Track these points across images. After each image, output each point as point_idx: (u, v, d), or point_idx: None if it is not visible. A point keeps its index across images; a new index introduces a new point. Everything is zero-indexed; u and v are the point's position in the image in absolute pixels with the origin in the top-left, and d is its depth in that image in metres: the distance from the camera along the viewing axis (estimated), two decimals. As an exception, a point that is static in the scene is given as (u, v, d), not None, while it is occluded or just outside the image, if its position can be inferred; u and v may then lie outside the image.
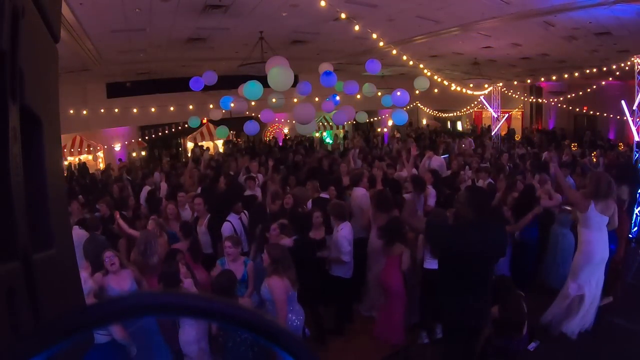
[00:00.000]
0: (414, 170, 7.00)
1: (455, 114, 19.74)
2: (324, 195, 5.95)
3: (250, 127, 9.82)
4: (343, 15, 6.53)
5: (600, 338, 4.44)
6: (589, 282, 4.45)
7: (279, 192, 6.24)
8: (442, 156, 8.98)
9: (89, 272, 3.66)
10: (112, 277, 3.57)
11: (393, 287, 4.62)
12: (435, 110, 19.99)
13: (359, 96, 9.98)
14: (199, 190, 6.74)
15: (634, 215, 7.33)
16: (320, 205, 5.61)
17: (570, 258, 5.35)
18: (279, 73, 7.16)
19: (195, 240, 4.83)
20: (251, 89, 7.81)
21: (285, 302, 3.52)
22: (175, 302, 0.38)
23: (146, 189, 7.44)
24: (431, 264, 4.18)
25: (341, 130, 19.47)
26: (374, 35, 7.40)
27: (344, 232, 4.77)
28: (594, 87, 13.24)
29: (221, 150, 15.87)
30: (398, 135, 17.81)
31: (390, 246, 4.58)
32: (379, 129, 20.42)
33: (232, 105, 9.62)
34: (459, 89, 11.68)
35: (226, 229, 5.00)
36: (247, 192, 6.54)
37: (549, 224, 5.67)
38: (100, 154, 14.89)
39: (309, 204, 5.92)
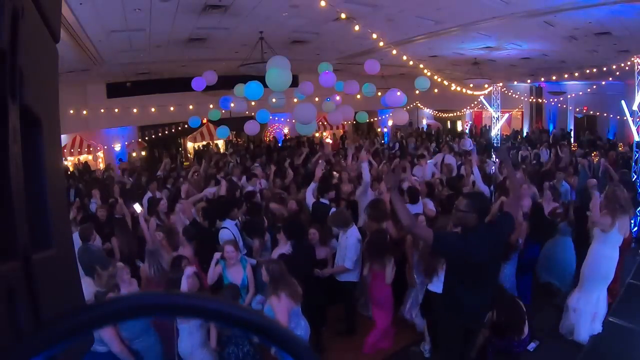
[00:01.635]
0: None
1: (455, 114, 19.75)
2: (323, 200, 5.92)
3: (250, 127, 9.83)
4: (343, 15, 6.53)
5: (600, 338, 4.43)
6: (593, 295, 4.49)
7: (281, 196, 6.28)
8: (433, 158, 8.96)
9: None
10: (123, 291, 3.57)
11: (380, 297, 4.56)
12: (435, 110, 19.98)
13: (359, 96, 9.97)
14: (203, 193, 6.67)
15: (635, 216, 7.33)
16: (319, 213, 5.59)
17: (571, 266, 5.39)
18: (277, 74, 7.16)
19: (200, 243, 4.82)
20: (252, 89, 7.81)
21: (286, 322, 3.47)
22: (176, 303, 0.38)
23: (148, 195, 7.33)
24: (435, 287, 4.11)
25: (340, 131, 19.45)
26: (374, 35, 7.40)
27: (351, 239, 4.70)
28: (594, 87, 13.26)
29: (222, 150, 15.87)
30: (401, 134, 17.74)
31: (375, 261, 4.50)
32: (378, 129, 20.41)
33: (232, 105, 9.62)
34: (459, 89, 11.68)
35: (226, 235, 4.88)
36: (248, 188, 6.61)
37: (549, 237, 5.67)
38: (100, 154, 14.89)
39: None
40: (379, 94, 9.95)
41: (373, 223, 4.96)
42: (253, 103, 9.22)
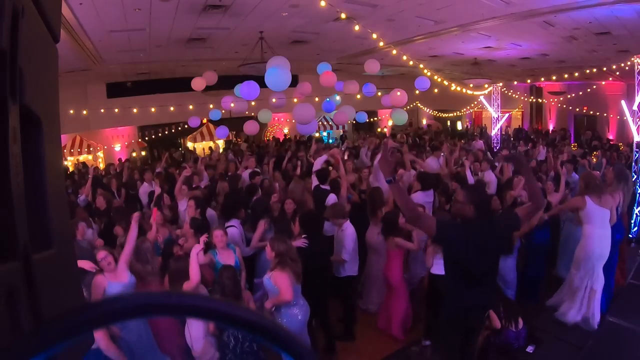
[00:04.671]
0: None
1: (455, 114, 19.75)
2: (324, 187, 5.98)
3: (250, 127, 9.84)
4: (343, 15, 6.53)
5: (600, 338, 4.44)
6: (590, 275, 4.63)
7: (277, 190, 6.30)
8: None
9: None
10: (109, 274, 3.58)
11: (394, 281, 4.72)
12: (435, 110, 19.98)
13: (359, 96, 9.97)
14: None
15: (634, 215, 7.34)
16: (318, 197, 5.72)
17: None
18: (276, 73, 7.16)
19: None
20: (246, 89, 7.82)
21: (290, 293, 3.52)
22: (175, 302, 0.38)
23: (144, 186, 7.32)
24: (438, 269, 4.14)
25: (340, 131, 19.44)
26: (374, 35, 7.41)
27: (348, 231, 4.75)
28: (594, 87, 13.27)
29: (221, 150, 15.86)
30: (403, 139, 17.70)
31: (388, 240, 4.68)
32: (378, 129, 20.41)
33: (232, 105, 9.63)
34: (459, 89, 11.68)
35: (234, 233, 4.81)
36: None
37: (558, 223, 5.70)
38: (100, 154, 14.89)
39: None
40: (379, 94, 9.95)
41: (375, 211, 5.13)
42: (253, 103, 9.23)
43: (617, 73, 9.77)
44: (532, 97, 18.21)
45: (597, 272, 4.64)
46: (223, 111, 10.60)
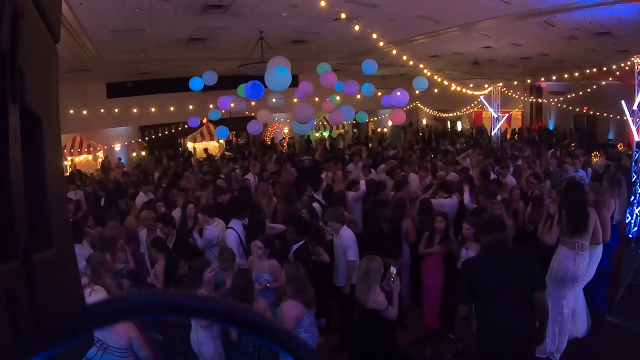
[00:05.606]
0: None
1: (455, 114, 19.75)
2: (317, 196, 5.95)
3: (253, 127, 9.85)
4: (343, 15, 6.53)
5: (600, 338, 4.43)
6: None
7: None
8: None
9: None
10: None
11: (429, 282, 4.96)
12: (435, 110, 19.99)
13: (359, 96, 9.97)
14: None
15: (634, 215, 7.33)
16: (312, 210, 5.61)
17: None
18: (277, 73, 7.16)
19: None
20: (251, 89, 7.81)
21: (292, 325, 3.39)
22: (176, 303, 0.38)
23: (141, 196, 7.00)
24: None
25: (341, 130, 19.41)
26: (374, 35, 7.41)
27: (347, 234, 4.67)
28: (594, 87, 13.27)
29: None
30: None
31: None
32: (379, 129, 20.41)
33: (231, 105, 9.63)
34: (459, 89, 11.68)
35: (231, 237, 4.73)
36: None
37: None
38: (100, 154, 14.88)
39: None
40: (379, 94, 9.95)
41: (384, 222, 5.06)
42: (253, 103, 9.24)
43: (617, 73, 9.77)
44: (532, 97, 18.21)
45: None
46: (223, 111, 10.60)
